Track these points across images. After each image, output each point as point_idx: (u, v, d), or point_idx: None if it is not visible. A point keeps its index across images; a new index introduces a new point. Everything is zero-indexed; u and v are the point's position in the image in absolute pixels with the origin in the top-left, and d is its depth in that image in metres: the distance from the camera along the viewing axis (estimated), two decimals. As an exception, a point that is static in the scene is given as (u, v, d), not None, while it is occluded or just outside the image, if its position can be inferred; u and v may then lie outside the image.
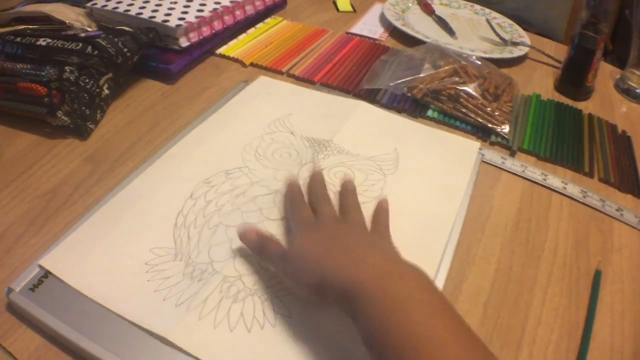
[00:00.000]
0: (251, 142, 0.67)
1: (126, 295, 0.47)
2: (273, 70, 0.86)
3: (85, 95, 0.67)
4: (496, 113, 0.76)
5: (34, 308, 0.45)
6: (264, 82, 0.81)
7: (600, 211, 0.65)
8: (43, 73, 0.64)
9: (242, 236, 0.51)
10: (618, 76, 0.97)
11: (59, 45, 0.67)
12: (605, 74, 0.99)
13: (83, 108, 0.66)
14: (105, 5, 0.83)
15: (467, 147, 0.72)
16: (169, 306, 0.46)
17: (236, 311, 0.47)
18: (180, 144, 0.66)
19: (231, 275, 0.50)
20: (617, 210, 0.65)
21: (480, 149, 0.71)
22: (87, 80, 0.67)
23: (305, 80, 0.84)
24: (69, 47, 0.67)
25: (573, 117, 0.83)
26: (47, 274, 0.48)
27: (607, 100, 0.91)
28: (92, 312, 0.45)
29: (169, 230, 0.54)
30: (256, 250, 0.50)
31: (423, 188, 0.63)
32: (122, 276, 0.49)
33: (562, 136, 0.77)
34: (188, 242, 0.53)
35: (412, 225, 0.58)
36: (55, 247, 0.50)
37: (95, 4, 0.83)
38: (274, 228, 0.55)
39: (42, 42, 0.67)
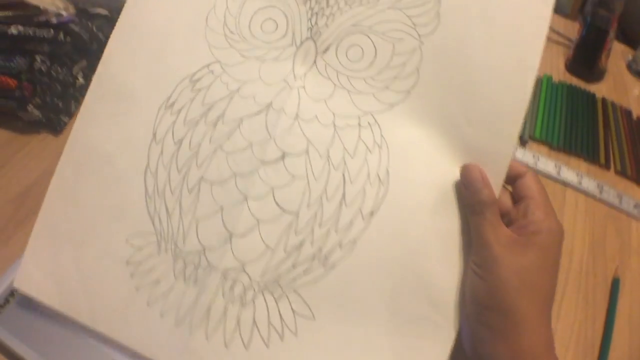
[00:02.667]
0: (214, 9, 0.41)
1: (116, 313, 0.37)
2: None
3: (58, 85, 0.62)
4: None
5: (-1, 331, 0.39)
6: None
7: (617, 209, 0.60)
8: (12, 64, 0.60)
9: (463, 170, 0.37)
10: (630, 57, 0.92)
11: (30, 33, 0.62)
12: (617, 53, 0.93)
13: (55, 100, 0.61)
14: (81, -15, 0.76)
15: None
16: (169, 325, 0.37)
17: (247, 319, 0.37)
18: (110, 42, 0.42)
19: (231, 267, 0.37)
20: (635, 207, 0.61)
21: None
22: (59, 70, 0.62)
23: None
24: (41, 34, 0.62)
25: (586, 102, 0.77)
26: (13, 292, 0.42)
27: (619, 82, 0.86)
28: (66, 336, 0.40)
29: (141, 203, 0.38)
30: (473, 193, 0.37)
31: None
32: (105, 285, 0.38)
33: (576, 123, 0.72)
34: (168, 218, 0.38)
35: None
36: (20, 261, 0.41)
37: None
38: (273, 175, 0.38)
39: (13, 30, 0.62)
